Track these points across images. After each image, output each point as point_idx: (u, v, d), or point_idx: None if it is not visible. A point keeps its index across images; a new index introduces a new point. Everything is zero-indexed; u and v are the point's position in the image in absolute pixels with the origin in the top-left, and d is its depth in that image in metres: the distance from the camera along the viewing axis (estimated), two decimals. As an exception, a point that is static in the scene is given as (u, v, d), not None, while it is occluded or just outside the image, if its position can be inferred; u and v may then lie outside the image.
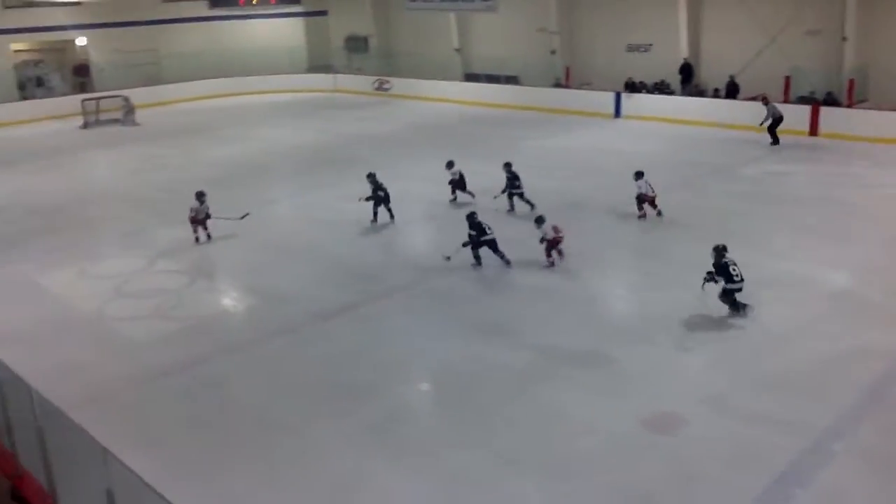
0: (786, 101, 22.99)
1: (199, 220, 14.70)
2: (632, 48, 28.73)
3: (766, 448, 7.65)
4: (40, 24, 33.89)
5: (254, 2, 36.38)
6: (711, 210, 15.64)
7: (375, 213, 15.43)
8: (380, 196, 15.38)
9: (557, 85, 29.89)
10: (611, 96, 26.46)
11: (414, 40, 36.02)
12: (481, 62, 33.23)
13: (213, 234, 14.91)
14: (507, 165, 15.91)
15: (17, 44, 34.20)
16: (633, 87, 27.28)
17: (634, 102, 26.02)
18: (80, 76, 35.25)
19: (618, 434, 8.05)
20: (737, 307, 10.51)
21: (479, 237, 12.62)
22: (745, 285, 10.46)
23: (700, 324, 10.56)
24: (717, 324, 10.50)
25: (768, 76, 23.82)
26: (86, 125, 29.30)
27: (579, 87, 29.13)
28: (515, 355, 9.85)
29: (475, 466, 7.61)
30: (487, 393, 9.01)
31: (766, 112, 20.92)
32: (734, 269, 10.39)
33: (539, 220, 12.79)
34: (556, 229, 12.61)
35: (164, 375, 9.77)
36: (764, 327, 10.35)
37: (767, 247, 13.17)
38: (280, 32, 38.63)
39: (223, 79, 35.49)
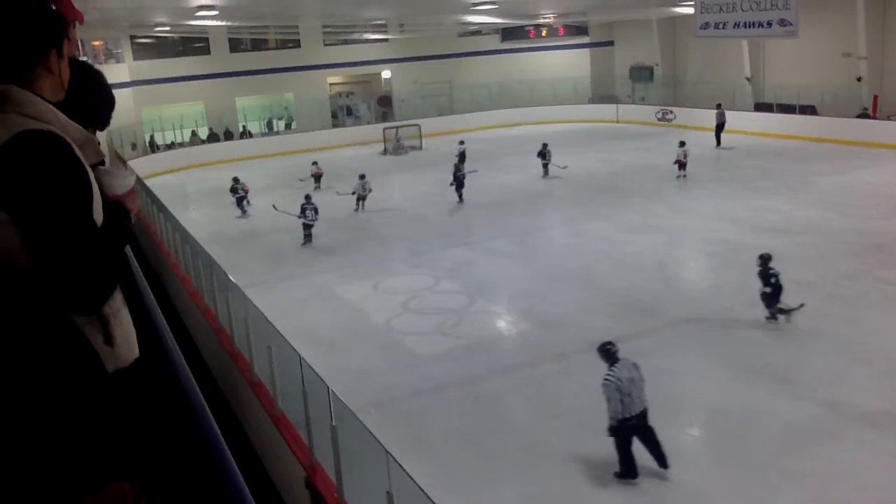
0: None
1: (361, 196, 20.53)
2: (958, 73, 25.56)
3: None
4: (353, 60, 37.84)
5: (543, 33, 37.45)
6: None
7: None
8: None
9: (863, 115, 27.33)
10: (928, 128, 23.71)
11: (701, 68, 34.93)
12: (774, 91, 31.32)
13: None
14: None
15: (332, 77, 38.44)
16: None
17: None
18: (383, 106, 38.70)
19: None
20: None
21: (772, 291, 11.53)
22: None
23: None
24: None
25: None
26: (385, 151, 32.05)
27: (889, 118, 26.43)
28: (798, 406, 9.15)
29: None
30: (764, 444, 8.46)
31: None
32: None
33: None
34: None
35: (442, 389, 10.36)
36: None
37: None
38: (566, 63, 39.41)
39: (509, 109, 36.93)
